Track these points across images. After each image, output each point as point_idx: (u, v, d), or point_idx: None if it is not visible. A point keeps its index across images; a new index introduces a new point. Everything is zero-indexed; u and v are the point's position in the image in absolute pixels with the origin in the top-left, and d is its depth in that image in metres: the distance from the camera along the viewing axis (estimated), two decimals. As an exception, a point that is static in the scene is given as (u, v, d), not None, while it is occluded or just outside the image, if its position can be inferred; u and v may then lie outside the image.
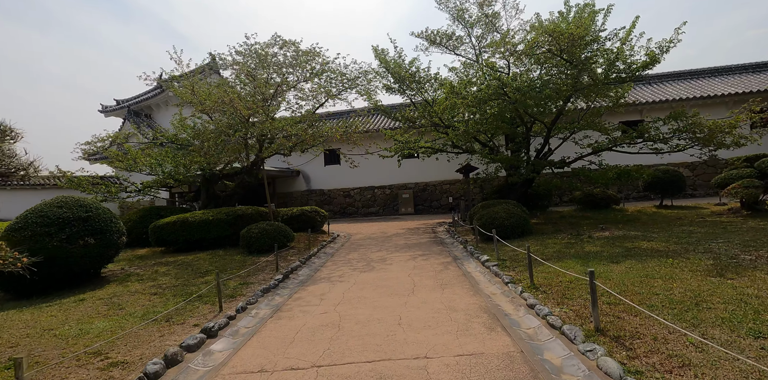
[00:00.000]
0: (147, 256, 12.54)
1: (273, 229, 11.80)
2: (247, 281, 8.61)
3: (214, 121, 12.99)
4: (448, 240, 12.65)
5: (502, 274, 7.32)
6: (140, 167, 15.43)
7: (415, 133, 18.06)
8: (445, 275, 7.97)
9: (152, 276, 9.64)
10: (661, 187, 15.96)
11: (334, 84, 16.34)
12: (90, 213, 8.96)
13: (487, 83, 11.81)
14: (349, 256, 10.99)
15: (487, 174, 15.85)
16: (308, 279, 8.68)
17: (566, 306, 5.36)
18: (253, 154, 14.10)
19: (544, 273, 7.01)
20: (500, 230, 10.73)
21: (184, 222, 12.74)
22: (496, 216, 11.13)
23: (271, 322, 5.97)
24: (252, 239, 11.51)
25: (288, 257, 11.08)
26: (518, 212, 11.55)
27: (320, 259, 10.99)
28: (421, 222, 17.86)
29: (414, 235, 14.05)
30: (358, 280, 8.11)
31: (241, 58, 14.34)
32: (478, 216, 11.67)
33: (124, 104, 26.24)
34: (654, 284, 5.73)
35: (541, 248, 9.17)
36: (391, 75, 15.76)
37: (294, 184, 24.73)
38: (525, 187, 15.49)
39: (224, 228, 12.84)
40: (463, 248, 10.82)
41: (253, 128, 11.46)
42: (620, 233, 10.20)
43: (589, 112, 14.51)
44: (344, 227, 18.13)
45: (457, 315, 5.54)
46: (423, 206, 22.84)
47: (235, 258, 11.01)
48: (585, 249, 8.65)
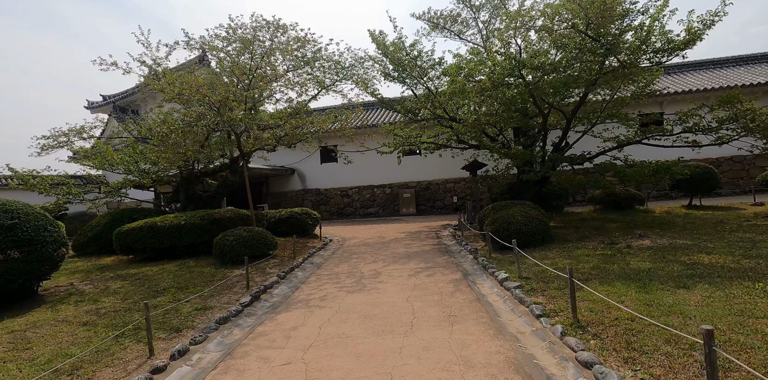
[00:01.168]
0: (109, 267, 10.75)
1: (251, 236, 9.98)
2: (207, 304, 6.79)
3: (187, 112, 11.17)
4: (455, 247, 10.78)
5: (529, 301, 5.46)
6: (109, 165, 13.68)
7: (417, 128, 16.19)
8: (454, 300, 6.11)
9: (98, 295, 7.84)
10: (691, 185, 14.02)
11: (328, 74, 14.49)
12: (16, 220, 7.15)
13: (501, 64, 9.90)
14: (337, 269, 9.15)
15: (497, 171, 13.94)
16: (282, 302, 6.84)
17: (640, 365, 3.50)
18: (229, 150, 12.30)
19: (587, 301, 5.14)
20: (517, 237, 8.87)
21: (152, 228, 10.94)
22: (511, 220, 9.25)
23: (213, 378, 4.14)
24: (226, 248, 9.69)
25: (267, 269, 9.26)
26: (537, 215, 9.67)
27: (304, 272, 9.15)
28: (423, 225, 15.99)
29: (415, 241, 12.19)
30: (343, 306, 6.27)
31: (223, 43, 12.49)
32: (490, 219, 9.80)
33: (110, 100, 24.49)
34: (764, 329, 3.85)
35: (572, 263, 7.28)
36: (389, 61, 13.87)
37: (289, 183, 22.91)
38: (540, 185, 13.59)
39: (198, 234, 11.02)
40: (474, 259, 8.96)
41: (222, 118, 9.64)
42: (664, 242, 8.30)
43: (612, 102, 12.60)
44: (339, 230, 16.30)
45: (476, 378, 3.69)
46: (425, 206, 20.97)
47: (204, 271, 9.19)
48: (630, 264, 6.75)
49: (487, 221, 9.92)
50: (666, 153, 14.34)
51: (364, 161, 21.34)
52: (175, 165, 11.83)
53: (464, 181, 20.46)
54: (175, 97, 10.00)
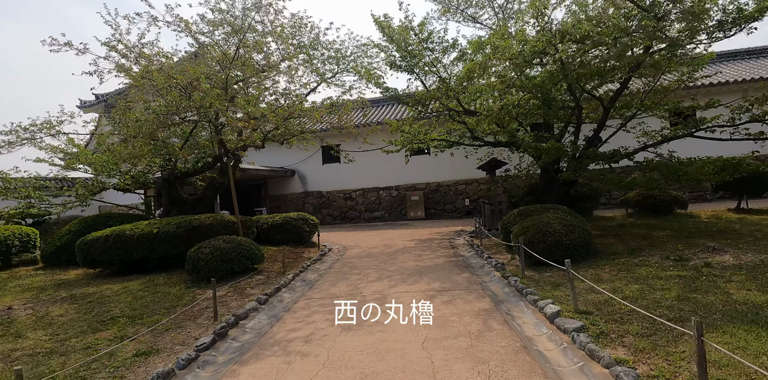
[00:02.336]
0: (69, 283, 9.01)
1: (232, 248, 8.19)
2: (156, 346, 5.00)
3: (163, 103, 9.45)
4: (475, 260, 8.90)
5: (607, 358, 3.57)
6: (87, 165, 12.01)
7: (426, 124, 14.35)
8: (489, 347, 4.25)
9: (29, 326, 6.09)
10: (739, 186, 12.01)
11: (328, 65, 12.70)
12: None
13: (531, 42, 8.02)
14: (333, 289, 7.31)
15: (520, 171, 12.03)
16: (255, 343, 5.02)
17: None
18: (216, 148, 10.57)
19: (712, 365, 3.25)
20: (558, 251, 7.00)
21: (119, 238, 9.19)
22: (548, 229, 7.35)
23: None
24: (200, 262, 7.91)
25: (247, 289, 7.45)
26: (576, 222, 7.78)
27: (292, 294, 7.32)
28: (434, 231, 14.12)
29: (427, 251, 10.32)
30: (334, 353, 4.43)
31: (209, 27, 10.78)
32: (519, 228, 7.91)
33: (102, 99, 22.93)
34: None
35: (642, 288, 5.37)
36: (396, 48, 12.07)
37: (289, 185, 21.14)
38: (567, 186, 11.69)
39: (173, 244, 9.25)
40: (502, 278, 7.07)
41: (192, 103, 7.88)
42: (751, 258, 6.35)
43: (653, 91, 10.71)
44: (341, 237, 14.47)
45: None
46: (435, 210, 19.07)
47: (171, 292, 7.41)
48: (731, 294, 4.82)
49: (515, 229, 8.03)
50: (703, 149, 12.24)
51: (368, 162, 19.51)
52: (144, 163, 10.12)
53: (477, 182, 18.56)
54: (142, 82, 8.28)
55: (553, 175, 11.99)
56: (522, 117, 11.06)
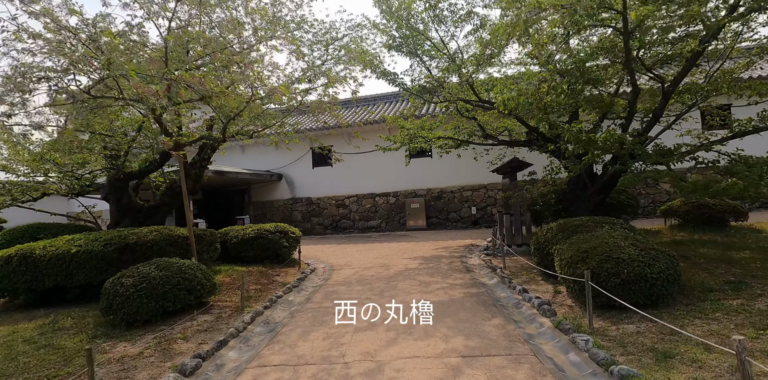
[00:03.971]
0: (-49, 322, 6.49)
1: (166, 277, 5.70)
2: None
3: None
4: (504, 293, 6.41)
5: None
6: (13, 165, 9.58)
7: (429, 120, 11.97)
8: None
9: None
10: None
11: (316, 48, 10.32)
12: None
13: None
14: (303, 346, 4.80)
15: (551, 173, 9.58)
16: None
17: None
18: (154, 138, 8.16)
19: None
20: (638, 288, 4.58)
21: (25, 259, 6.69)
22: (619, 255, 4.89)
23: None
24: (118, 299, 5.41)
25: (178, 341, 4.93)
26: (652, 245, 5.35)
27: (240, 353, 4.81)
28: (439, 245, 11.66)
29: (436, 276, 7.84)
30: None
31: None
32: (571, 250, 5.45)
33: (73, 95, 20.48)
34: None
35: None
36: (396, 25, 9.73)
37: (275, 190, 18.66)
38: (603, 192, 9.34)
39: (99, 268, 6.74)
40: (558, 331, 4.60)
41: (105, 69, 5.50)
42: None
43: (718, 74, 8.45)
44: (330, 251, 11.98)
45: None
46: (437, 219, 16.62)
47: (66, 345, 4.91)
48: None
49: (564, 252, 5.58)
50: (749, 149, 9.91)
51: (363, 165, 17.11)
52: (81, 159, 7.70)
53: (485, 188, 16.15)
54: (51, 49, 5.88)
55: (586, 179, 9.62)
56: (552, 107, 8.67)
